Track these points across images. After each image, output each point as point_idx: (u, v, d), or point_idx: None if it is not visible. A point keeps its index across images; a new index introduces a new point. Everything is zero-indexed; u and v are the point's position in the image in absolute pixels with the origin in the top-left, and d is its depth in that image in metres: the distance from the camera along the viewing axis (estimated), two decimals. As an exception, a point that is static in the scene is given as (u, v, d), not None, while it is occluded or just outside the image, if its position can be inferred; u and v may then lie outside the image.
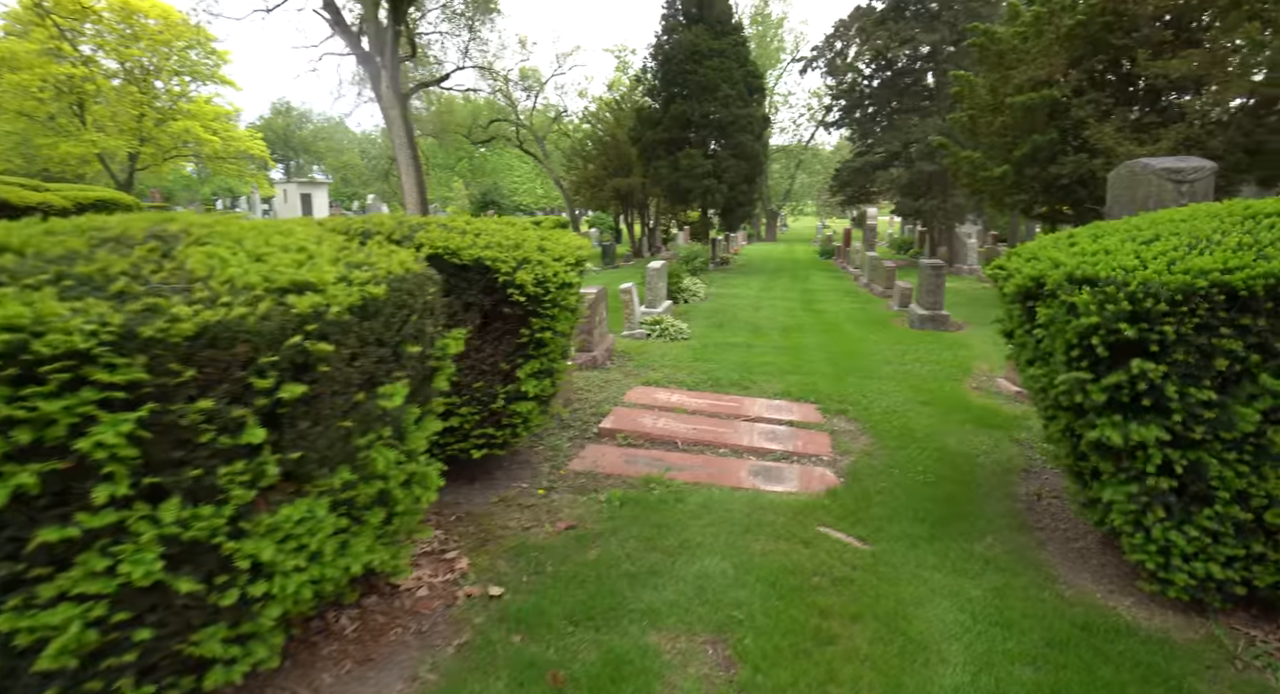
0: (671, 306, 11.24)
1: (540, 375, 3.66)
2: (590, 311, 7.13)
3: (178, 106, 36.01)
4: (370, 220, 3.65)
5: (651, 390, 6.39)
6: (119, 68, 35.88)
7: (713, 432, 5.23)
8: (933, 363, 7.65)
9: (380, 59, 17.12)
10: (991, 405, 5.97)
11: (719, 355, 7.99)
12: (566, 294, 3.50)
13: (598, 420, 5.40)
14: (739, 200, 19.23)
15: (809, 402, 6.17)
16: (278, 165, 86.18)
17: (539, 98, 42.92)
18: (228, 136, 38.13)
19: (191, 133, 35.57)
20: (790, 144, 46.41)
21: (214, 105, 38.94)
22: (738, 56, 18.55)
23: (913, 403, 6.07)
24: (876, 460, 4.67)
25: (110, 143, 34.83)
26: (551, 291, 3.41)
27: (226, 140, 38.23)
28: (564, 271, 3.50)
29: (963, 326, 10.08)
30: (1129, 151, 9.59)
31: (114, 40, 34.49)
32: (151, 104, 35.63)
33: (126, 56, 35.50)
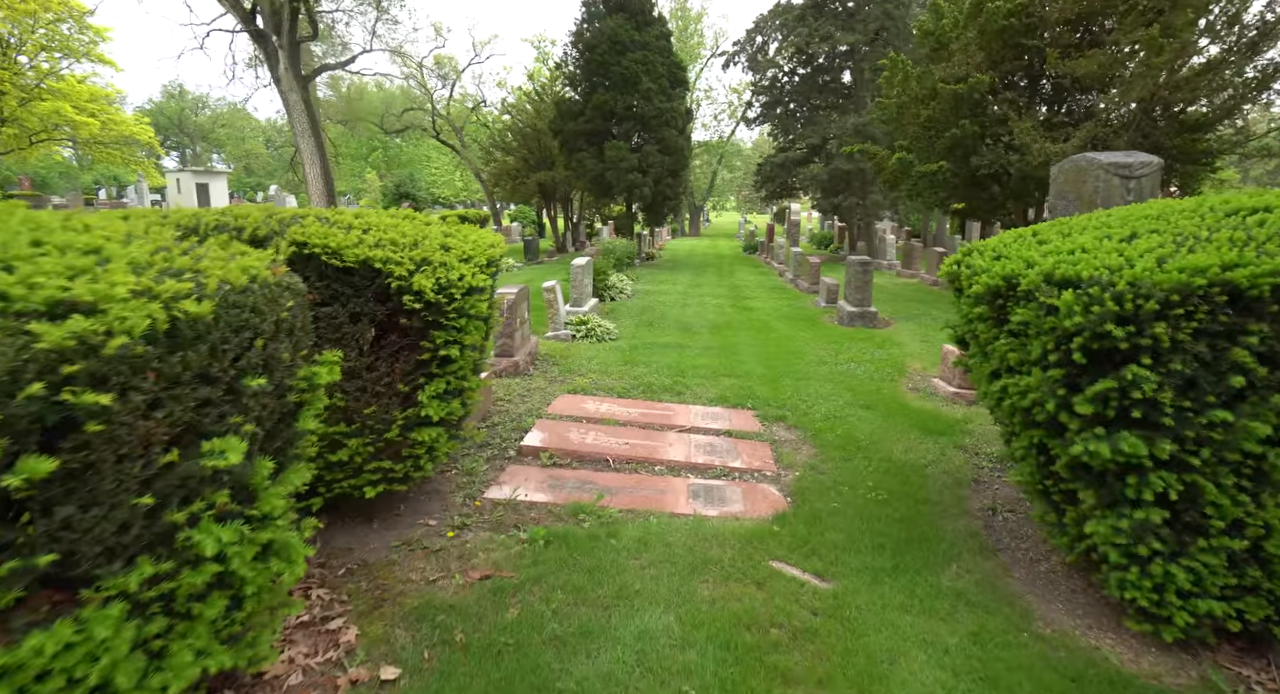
0: (598, 305, 10.74)
1: (447, 396, 3.09)
2: (510, 313, 6.55)
3: (46, 85, 32.49)
4: (233, 212, 2.98)
5: (579, 399, 5.88)
6: (-28, 40, 32.02)
7: (647, 446, 4.78)
8: (867, 362, 7.48)
9: (277, 38, 15.74)
10: (931, 409, 5.79)
11: (650, 357, 7.56)
12: (476, 301, 2.95)
13: (519, 437, 4.85)
14: (665, 194, 18.90)
15: (746, 408, 5.83)
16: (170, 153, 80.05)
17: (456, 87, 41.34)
18: (107, 120, 34.73)
19: (62, 114, 32.16)
20: (711, 140, 46.63)
21: (90, 85, 35.39)
22: (660, 49, 18.17)
23: (853, 407, 5.82)
24: (823, 475, 4.34)
25: (-37, 124, 31.05)
26: (457, 299, 2.85)
27: (106, 124, 34.83)
28: (472, 275, 2.94)
29: (890, 323, 10.06)
30: (1043, 148, 9.79)
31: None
32: (13, 81, 32.00)
33: (-20, 26, 31.71)
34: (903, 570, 3.10)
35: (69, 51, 34.64)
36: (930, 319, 10.38)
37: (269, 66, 16.18)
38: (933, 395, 6.22)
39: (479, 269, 3.06)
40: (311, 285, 2.82)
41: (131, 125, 36.06)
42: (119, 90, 40.08)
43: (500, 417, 5.33)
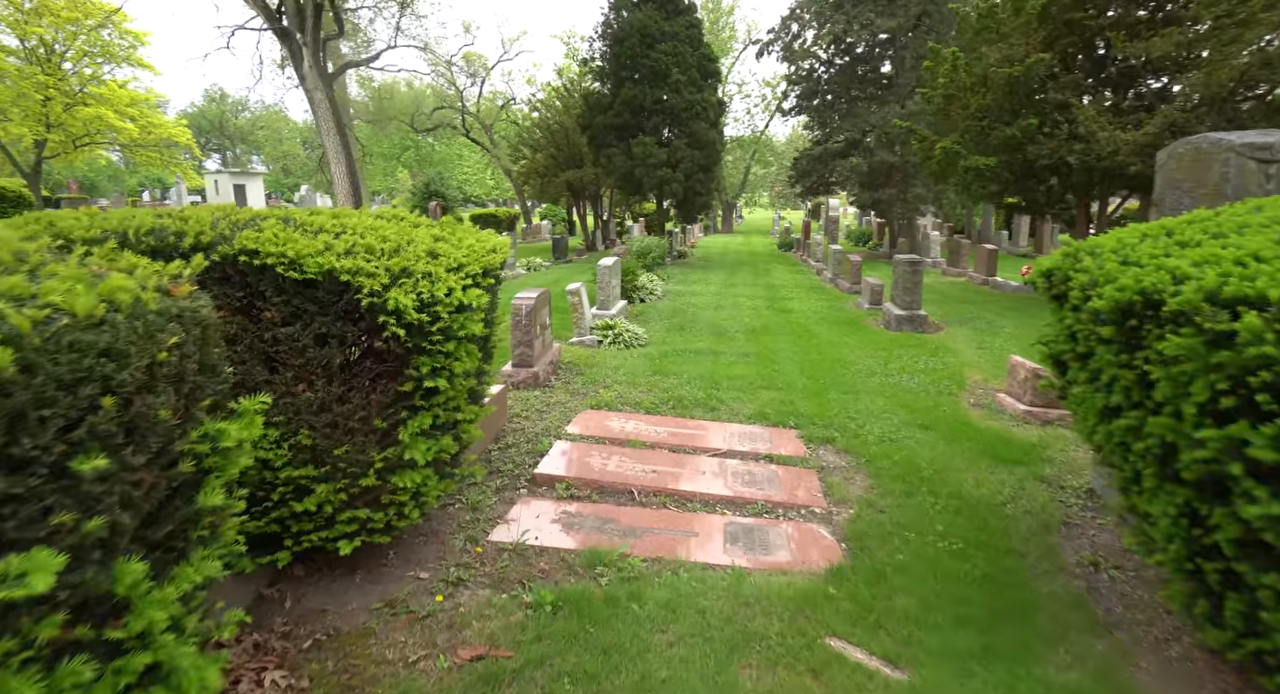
0: (626, 307, 10.19)
1: (435, 433, 2.57)
2: (529, 320, 6.03)
3: (89, 90, 33.14)
4: (178, 215, 2.50)
5: (602, 415, 5.33)
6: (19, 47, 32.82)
7: (677, 474, 4.21)
8: (921, 373, 6.79)
9: (301, 36, 15.52)
10: (1000, 430, 5.10)
11: (681, 366, 6.98)
12: (468, 320, 2.41)
13: (534, 462, 4.33)
14: (696, 190, 18.26)
15: (788, 426, 5.21)
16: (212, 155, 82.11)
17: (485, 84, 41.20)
18: (146, 124, 35.33)
19: (104, 119, 32.77)
20: (744, 135, 45.73)
21: (130, 90, 36.04)
22: (691, 39, 17.52)
23: (910, 426, 5.17)
24: (882, 514, 3.72)
25: (12, 130, 31.83)
26: (443, 318, 2.31)
27: (145, 127, 35.43)
28: (462, 289, 2.41)
29: (941, 327, 9.31)
30: (1112, 137, 8.92)
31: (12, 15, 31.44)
32: (59, 87, 32.71)
33: (29, 33, 32.49)
34: (996, 655, 2.47)
35: (110, 57, 35.35)
36: (984, 323, 9.59)
37: (294, 64, 15.98)
38: (1000, 413, 5.52)
39: (473, 281, 2.52)
40: (268, 302, 2.32)
41: (170, 128, 36.63)
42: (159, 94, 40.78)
43: (515, 436, 4.82)
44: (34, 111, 32.27)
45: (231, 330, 2.33)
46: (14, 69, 32.11)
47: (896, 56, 20.17)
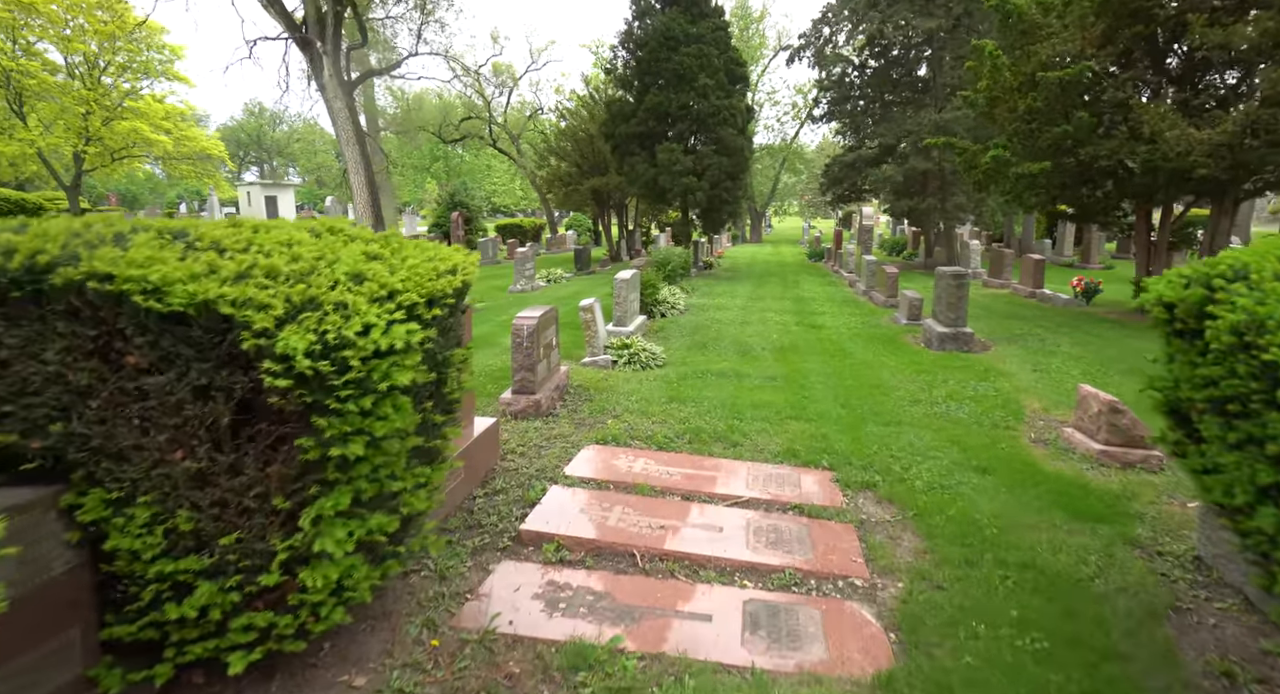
0: (645, 323, 9.58)
1: (361, 511, 1.97)
2: (531, 342, 5.45)
3: (126, 104, 33.79)
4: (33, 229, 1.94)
5: (608, 452, 4.71)
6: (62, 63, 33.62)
7: (688, 529, 3.56)
8: (971, 401, 6.03)
9: (321, 45, 15.30)
10: (1073, 475, 4.35)
11: (700, 391, 6.33)
12: (394, 367, 1.81)
13: (523, 513, 3.72)
14: (722, 198, 17.59)
15: (821, 467, 4.53)
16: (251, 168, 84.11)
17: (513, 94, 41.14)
18: (180, 136, 35.92)
19: (139, 133, 33.36)
20: (774, 143, 44.94)
21: (166, 104, 36.72)
22: (717, 42, 16.92)
23: (964, 469, 4.44)
24: (940, 591, 3.02)
25: (53, 142, 32.57)
26: (355, 366, 1.72)
27: (179, 140, 36.03)
28: (387, 324, 1.81)
29: (989, 346, 8.50)
30: (1183, 136, 8.06)
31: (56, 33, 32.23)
32: (100, 101, 33.40)
33: (71, 50, 33.27)
34: None
35: (147, 71, 36.10)
36: (1037, 341, 8.76)
37: (314, 74, 15.77)
38: (1068, 453, 4.76)
39: (408, 313, 1.93)
40: (129, 343, 1.75)
41: (203, 141, 37.22)
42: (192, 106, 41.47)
43: (506, 478, 4.21)
44: (74, 125, 33.05)
45: (83, 381, 1.76)
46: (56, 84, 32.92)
47: (934, 57, 19.33)
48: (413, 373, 1.89)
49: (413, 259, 2.13)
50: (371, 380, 1.75)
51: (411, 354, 1.85)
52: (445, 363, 2.27)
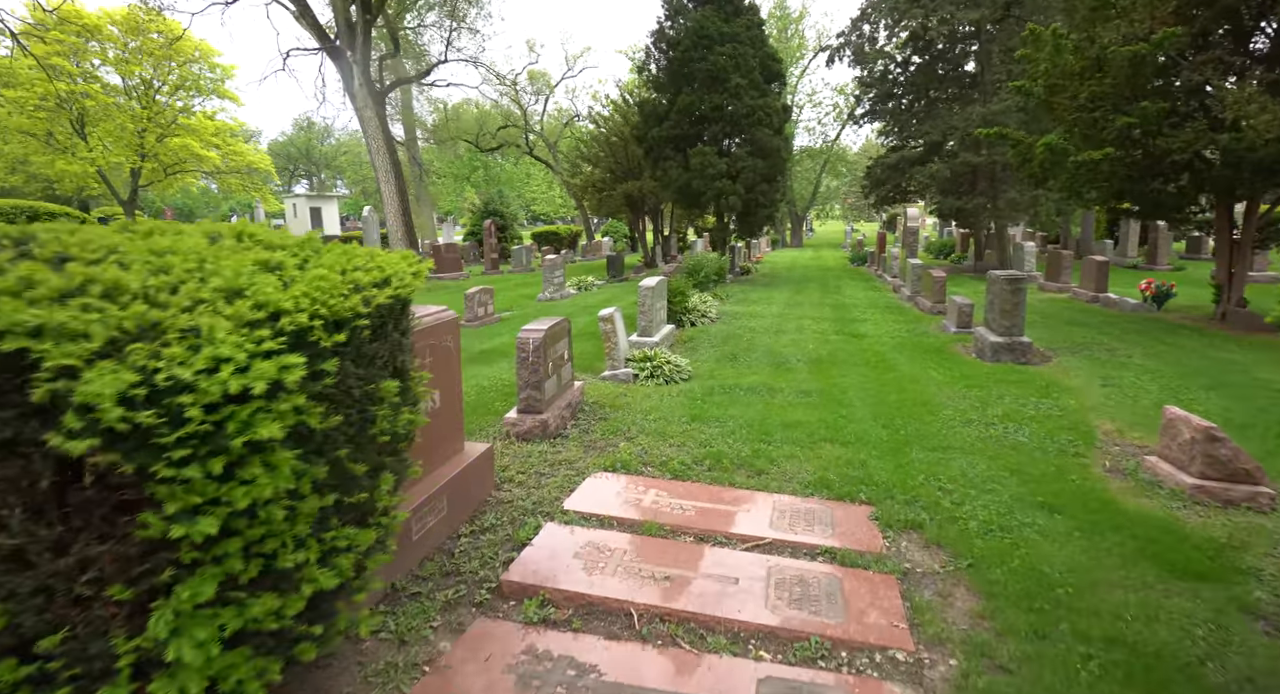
0: (673, 333, 9.07)
1: (239, 596, 1.51)
2: (538, 357, 5.00)
3: (179, 122, 34.93)
4: None
5: (616, 482, 4.21)
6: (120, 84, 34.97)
7: (699, 579, 3.04)
8: (1032, 421, 5.34)
9: (351, 54, 15.30)
10: (1162, 516, 3.67)
11: (727, 409, 5.79)
12: (260, 417, 1.35)
13: (509, 557, 3.25)
14: (758, 202, 16.97)
15: (858, 501, 3.95)
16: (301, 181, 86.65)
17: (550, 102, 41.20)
18: (229, 151, 36.97)
19: (190, 149, 34.42)
20: (815, 146, 43.96)
21: (217, 121, 37.87)
22: (752, 40, 16.35)
23: (1027, 506, 3.80)
24: (1004, 674, 2.43)
25: (112, 158, 33.84)
26: (193, 418, 1.27)
27: (228, 155, 37.09)
28: (248, 358, 1.35)
29: (1050, 357, 7.73)
30: (1275, 119, 7.18)
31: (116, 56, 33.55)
32: (155, 119, 34.61)
33: (129, 72, 34.57)
34: None
35: (199, 89, 37.32)
36: (1104, 351, 7.94)
37: (344, 83, 15.77)
38: (1154, 487, 4.06)
39: (293, 341, 1.47)
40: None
41: (250, 155, 38.25)
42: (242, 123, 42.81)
43: (498, 513, 3.75)
44: (131, 143, 34.32)
45: None
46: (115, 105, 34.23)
47: (982, 50, 18.37)
48: (295, 419, 1.43)
49: (321, 270, 1.68)
50: (223, 435, 1.30)
51: (286, 397, 1.40)
52: (371, 399, 1.81)
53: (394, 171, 16.24)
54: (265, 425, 1.33)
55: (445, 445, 3.64)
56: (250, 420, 1.32)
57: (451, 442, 3.72)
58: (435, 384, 3.51)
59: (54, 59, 30.39)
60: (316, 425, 1.53)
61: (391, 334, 1.94)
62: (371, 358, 1.80)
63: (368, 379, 1.78)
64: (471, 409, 5.78)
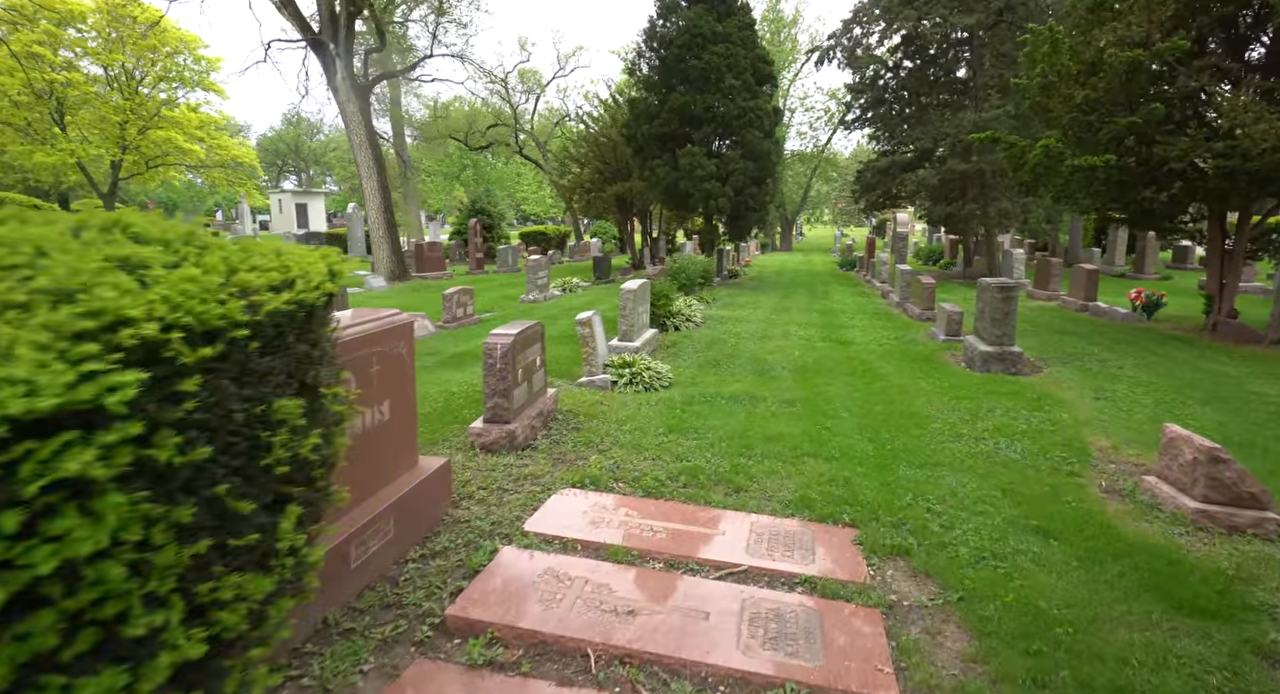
0: (656, 337, 8.80)
1: (63, 685, 1.22)
2: (506, 364, 4.71)
3: (162, 114, 34.29)
4: None
5: (583, 499, 3.93)
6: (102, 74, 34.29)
7: (665, 614, 2.76)
8: (1024, 436, 5.11)
9: (334, 47, 14.93)
10: (1164, 544, 3.43)
11: (707, 419, 5.52)
12: (70, 452, 1.06)
13: (458, 586, 2.96)
14: (748, 205, 16.75)
15: (841, 522, 3.69)
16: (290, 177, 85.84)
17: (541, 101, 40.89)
18: (213, 145, 36.33)
19: (173, 141, 33.79)
20: (806, 150, 43.86)
21: (201, 113, 37.22)
22: (744, 41, 16.14)
23: (1021, 530, 3.56)
24: (1000, 733, 2.17)
25: (91, 151, 33.16)
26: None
27: (212, 149, 36.45)
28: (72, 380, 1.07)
29: (1040, 367, 7.52)
30: (1272, 128, 7.02)
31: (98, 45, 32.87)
32: (137, 111, 33.94)
33: (111, 61, 33.89)
34: None
35: (182, 81, 36.70)
36: (1095, 362, 7.75)
37: (327, 76, 15.41)
38: (1154, 510, 3.83)
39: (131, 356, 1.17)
40: None
41: (234, 149, 37.63)
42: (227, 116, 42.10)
43: (452, 534, 3.46)
44: (112, 135, 33.67)
45: None
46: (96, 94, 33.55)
47: (974, 56, 18.26)
48: (134, 453, 1.15)
49: (192, 271, 1.39)
50: (17, 478, 1.01)
51: (117, 427, 1.11)
52: (263, 423, 1.53)
53: (377, 167, 15.88)
54: (76, 459, 1.04)
55: (395, 461, 3.35)
56: (55, 458, 1.04)
57: (403, 457, 3.42)
58: (385, 394, 3.22)
59: (34, 48, 29.73)
60: (173, 459, 1.25)
61: (295, 346, 1.65)
62: (263, 375, 1.51)
63: (258, 399, 1.50)
64: (438, 417, 5.48)
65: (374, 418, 3.13)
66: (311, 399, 1.77)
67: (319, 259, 1.89)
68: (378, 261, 16.78)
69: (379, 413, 3.17)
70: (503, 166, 58.42)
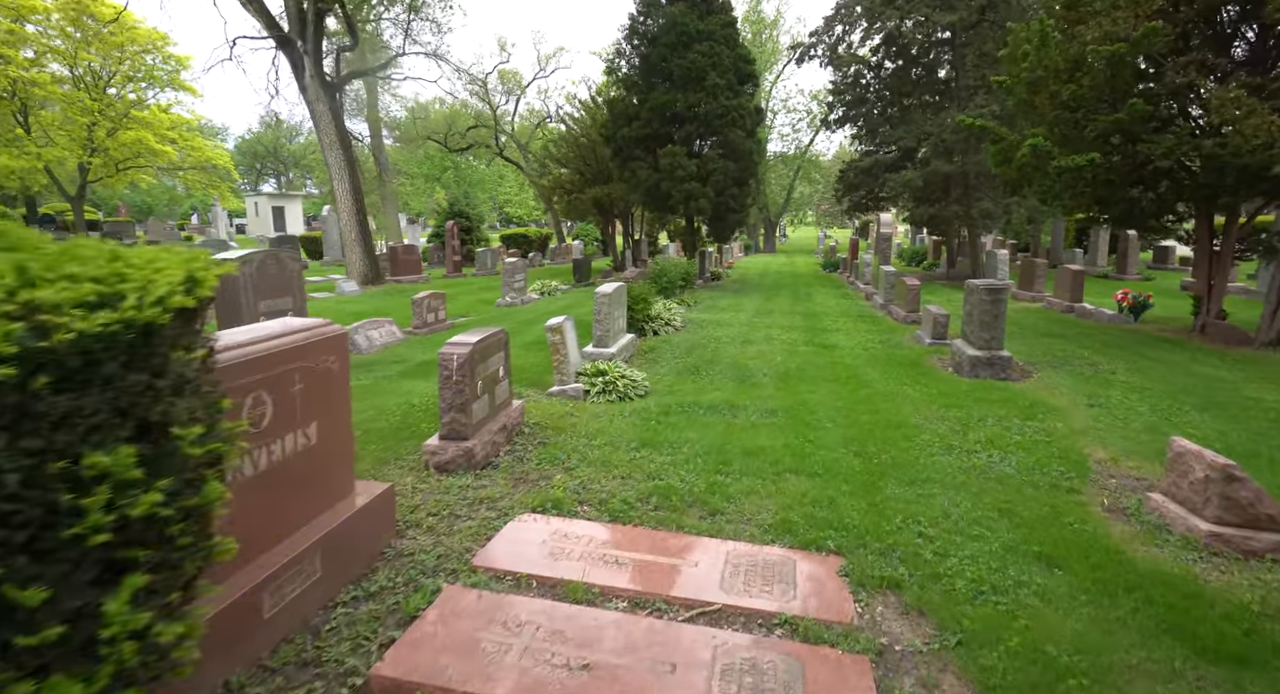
0: (634, 343, 8.46)
1: None
2: (463, 376, 4.34)
3: (131, 115, 33.40)
4: None
5: (543, 526, 3.57)
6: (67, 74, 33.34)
7: (625, 670, 2.41)
8: (1018, 449, 4.82)
9: (302, 44, 14.45)
10: (1178, 572, 3.13)
11: (683, 431, 5.18)
12: None
13: (389, 636, 2.59)
14: (729, 206, 16.46)
15: (825, 550, 3.36)
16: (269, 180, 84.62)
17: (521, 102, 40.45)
18: (186, 147, 35.47)
19: (143, 143, 32.93)
20: (788, 152, 43.77)
21: (172, 114, 36.33)
22: (726, 39, 15.86)
23: (1022, 558, 3.25)
24: (1013, 821, 1.84)
25: (57, 153, 32.21)
26: None
27: (185, 151, 35.59)
28: None
29: (1030, 372, 7.27)
30: (1264, 123, 6.81)
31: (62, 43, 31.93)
32: (105, 111, 33.04)
33: (76, 60, 32.96)
34: None
35: (153, 80, 35.83)
36: (1086, 366, 7.51)
37: (295, 75, 14.92)
38: (1163, 532, 3.54)
39: None
40: None
41: (208, 151, 36.83)
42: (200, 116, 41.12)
43: (392, 570, 3.09)
44: (79, 137, 32.76)
45: None
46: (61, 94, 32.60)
47: (956, 55, 18.13)
48: None
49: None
50: None
51: None
52: (65, 479, 1.16)
53: (348, 168, 15.41)
54: None
55: (324, 491, 2.97)
56: None
57: (334, 485, 3.05)
58: (311, 416, 2.85)
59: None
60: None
61: (125, 376, 1.29)
62: (60, 419, 1.15)
63: (53, 452, 1.14)
64: (394, 432, 5.09)
65: (295, 444, 2.76)
66: (158, 442, 1.40)
67: (179, 264, 1.52)
68: (350, 265, 16.30)
69: (302, 437, 2.80)
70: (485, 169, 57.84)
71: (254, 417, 2.49)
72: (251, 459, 2.51)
